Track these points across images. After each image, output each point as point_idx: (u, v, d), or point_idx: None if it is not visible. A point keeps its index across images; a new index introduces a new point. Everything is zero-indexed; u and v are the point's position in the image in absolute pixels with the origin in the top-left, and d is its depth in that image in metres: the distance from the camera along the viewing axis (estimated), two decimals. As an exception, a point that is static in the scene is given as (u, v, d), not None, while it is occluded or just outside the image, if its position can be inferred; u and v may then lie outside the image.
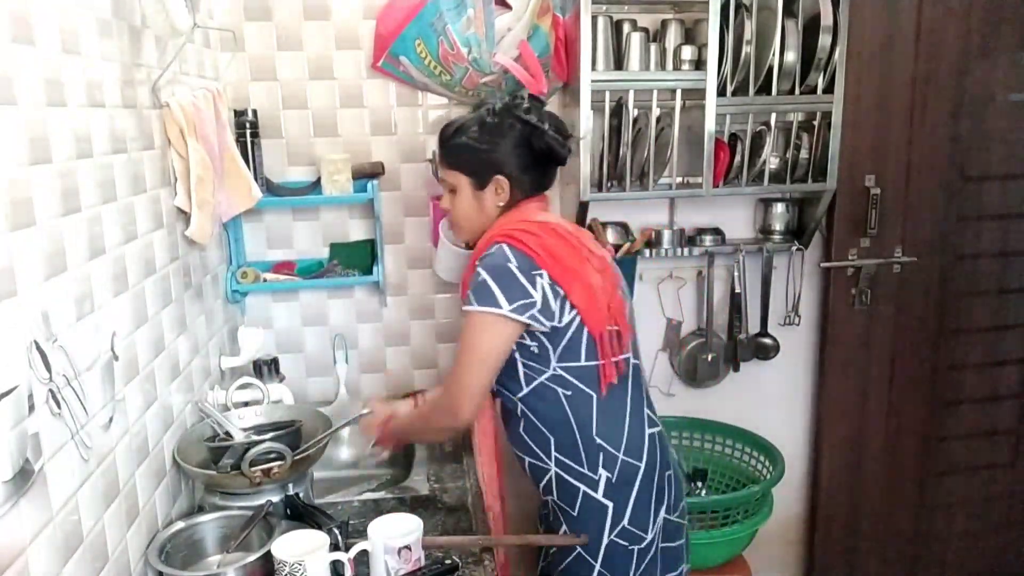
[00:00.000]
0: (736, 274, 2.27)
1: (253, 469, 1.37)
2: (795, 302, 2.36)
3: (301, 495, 1.46)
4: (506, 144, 1.45)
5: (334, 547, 1.27)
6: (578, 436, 1.42)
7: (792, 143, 2.11)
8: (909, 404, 2.49)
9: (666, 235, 2.22)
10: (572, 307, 1.37)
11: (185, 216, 1.52)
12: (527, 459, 1.49)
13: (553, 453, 1.44)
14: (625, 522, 1.43)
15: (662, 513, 1.47)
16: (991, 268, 2.44)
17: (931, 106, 2.28)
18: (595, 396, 1.41)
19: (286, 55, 2.01)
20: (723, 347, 2.33)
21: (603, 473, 1.41)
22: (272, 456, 1.40)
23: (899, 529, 2.58)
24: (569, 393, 1.41)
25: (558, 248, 1.38)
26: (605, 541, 1.43)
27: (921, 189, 2.33)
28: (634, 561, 1.44)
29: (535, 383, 1.42)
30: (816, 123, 2.09)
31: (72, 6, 1.09)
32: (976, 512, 2.62)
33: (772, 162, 2.11)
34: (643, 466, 1.44)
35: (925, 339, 2.45)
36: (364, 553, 1.27)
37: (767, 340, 2.33)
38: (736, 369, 2.36)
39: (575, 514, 1.44)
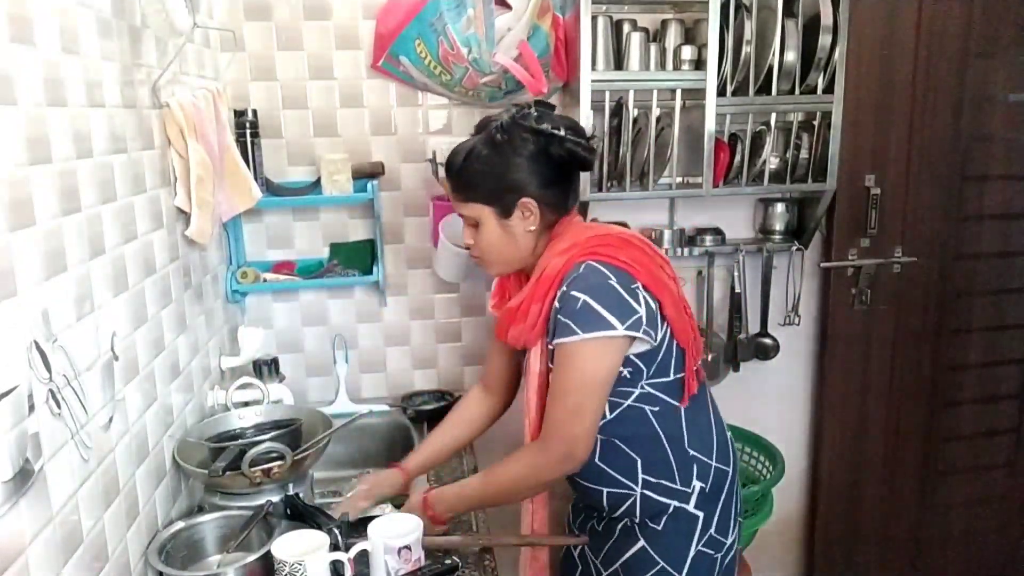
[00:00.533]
0: (736, 274, 2.27)
1: (253, 469, 1.37)
2: (795, 302, 2.36)
3: (301, 495, 1.46)
4: (523, 161, 1.29)
5: (334, 547, 1.27)
6: (670, 451, 1.33)
7: (792, 143, 2.11)
8: (909, 404, 2.49)
9: (666, 235, 2.22)
10: (664, 319, 1.29)
11: (185, 216, 1.52)
12: (605, 490, 1.37)
13: (640, 476, 1.34)
14: (712, 530, 1.37)
15: (739, 516, 1.44)
16: (991, 268, 2.45)
17: (931, 106, 2.28)
18: (681, 408, 1.34)
19: (286, 55, 2.01)
20: (723, 347, 2.33)
21: (697, 484, 1.35)
22: (272, 456, 1.40)
23: (899, 529, 2.58)
24: (657, 409, 1.32)
25: (643, 258, 1.29)
26: (692, 553, 1.36)
27: (921, 189, 2.33)
28: (717, 569, 1.40)
29: (620, 408, 1.32)
30: (816, 123, 2.09)
31: (72, 6, 1.09)
32: (976, 512, 2.62)
33: (772, 162, 2.11)
34: (730, 470, 1.41)
35: (925, 339, 2.45)
36: (364, 553, 1.26)
37: (767, 340, 2.34)
38: (736, 369, 2.36)
39: (660, 528, 1.36)
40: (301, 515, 1.41)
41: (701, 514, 1.36)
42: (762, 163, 2.08)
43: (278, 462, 1.39)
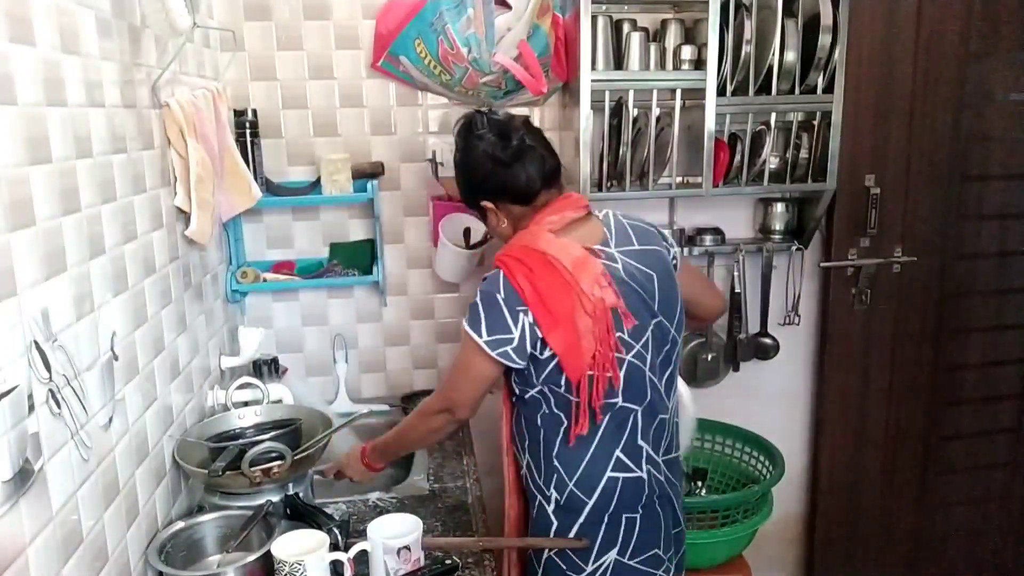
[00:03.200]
0: (736, 274, 2.27)
1: (253, 469, 1.37)
2: (795, 302, 2.36)
3: (301, 495, 1.46)
4: (468, 170, 1.43)
5: (334, 547, 1.27)
6: (541, 450, 1.40)
7: (792, 143, 2.11)
8: (909, 404, 2.49)
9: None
10: (548, 349, 1.31)
11: (185, 216, 1.51)
12: (515, 450, 1.50)
13: (526, 454, 1.44)
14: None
15: (612, 554, 1.38)
16: (991, 268, 2.45)
17: (931, 106, 2.28)
18: (565, 423, 1.36)
19: (286, 55, 2.01)
20: (723, 347, 2.33)
21: (553, 493, 1.39)
22: (272, 456, 1.40)
23: (899, 529, 2.58)
24: (546, 412, 1.37)
25: (546, 286, 1.30)
26: (545, 555, 1.41)
27: (921, 189, 2.33)
28: None
29: (526, 393, 1.39)
30: (816, 123, 2.09)
31: (72, 6, 1.09)
32: (976, 512, 2.62)
33: (772, 162, 2.11)
34: (591, 503, 1.37)
35: (925, 339, 2.45)
36: (364, 553, 1.27)
37: (767, 340, 2.34)
38: (736, 369, 2.36)
39: (533, 515, 1.44)
40: (301, 515, 1.41)
41: (556, 522, 1.39)
42: (762, 163, 2.08)
43: (278, 462, 1.39)
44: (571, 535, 1.38)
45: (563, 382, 1.33)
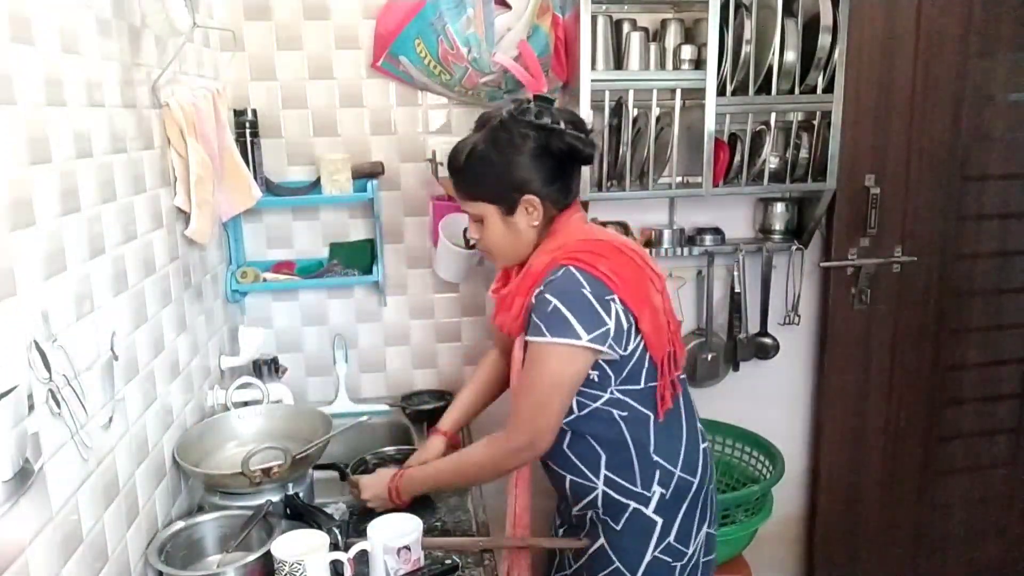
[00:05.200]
0: (736, 274, 2.27)
1: (253, 469, 1.37)
2: (795, 302, 2.36)
3: (301, 495, 1.46)
4: (524, 158, 1.30)
5: (334, 547, 1.27)
6: (634, 454, 1.35)
7: (792, 143, 2.11)
8: (909, 404, 2.49)
9: (666, 235, 2.22)
10: (638, 332, 1.30)
11: (185, 216, 1.52)
12: (568, 476, 1.40)
13: (603, 471, 1.37)
14: (671, 538, 1.38)
15: (705, 528, 1.43)
16: (991, 268, 2.44)
17: (931, 106, 2.28)
18: (652, 416, 1.36)
19: (286, 55, 2.01)
20: (723, 347, 2.33)
21: (657, 490, 1.36)
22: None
23: (899, 529, 2.58)
24: (626, 414, 1.34)
25: (626, 270, 1.30)
26: (648, 558, 1.37)
27: (921, 189, 2.33)
28: None
29: (589, 408, 1.34)
30: (816, 123, 2.09)
31: (72, 6, 1.09)
32: (976, 512, 2.62)
33: (772, 162, 2.11)
34: (696, 481, 1.40)
35: (925, 339, 2.45)
36: (364, 553, 1.27)
37: (767, 340, 2.34)
38: (736, 369, 2.36)
39: (618, 528, 1.38)
40: (301, 515, 1.41)
41: (660, 520, 1.37)
42: (762, 163, 2.08)
43: (278, 462, 1.39)
44: (676, 525, 1.38)
45: (643, 374, 1.33)
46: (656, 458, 1.36)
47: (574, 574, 1.49)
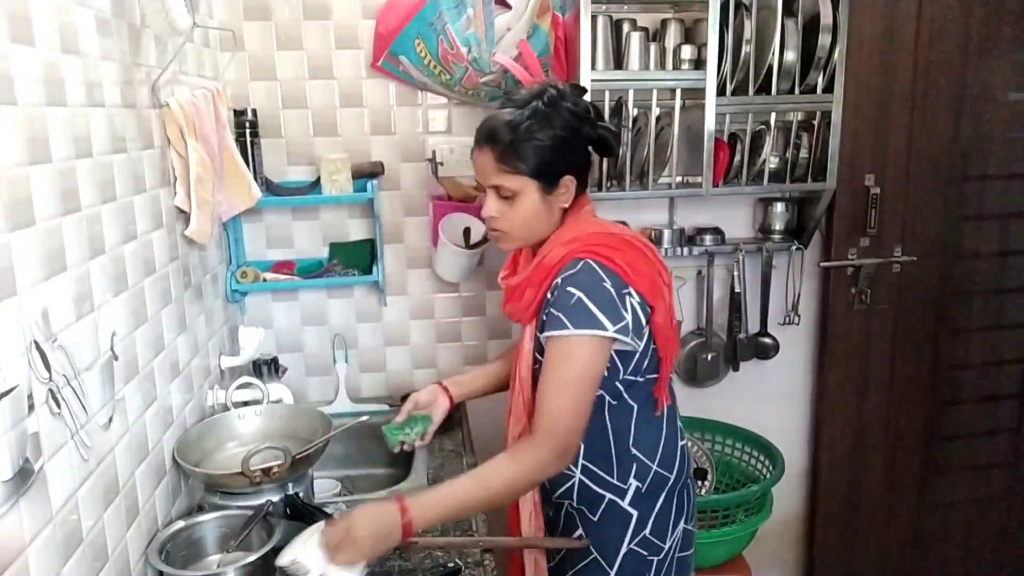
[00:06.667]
0: (736, 274, 2.27)
1: (253, 469, 1.37)
2: (795, 301, 2.36)
3: (301, 495, 1.46)
4: (570, 138, 1.32)
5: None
6: (612, 445, 1.36)
7: (792, 143, 2.11)
8: (909, 404, 2.49)
9: (666, 235, 2.22)
10: (648, 326, 1.31)
11: (185, 216, 1.52)
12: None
13: (580, 461, 1.37)
14: (647, 531, 1.38)
15: (681, 524, 1.43)
16: (991, 268, 2.44)
17: (931, 106, 2.28)
18: (636, 408, 1.36)
19: (286, 55, 2.01)
20: (723, 347, 2.33)
21: (633, 483, 1.37)
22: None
23: (899, 529, 2.58)
24: (615, 403, 1.35)
25: (640, 263, 1.30)
26: (623, 550, 1.38)
27: (921, 189, 2.33)
28: (651, 571, 1.40)
29: None
30: (816, 123, 2.09)
31: (72, 6, 1.09)
32: (976, 512, 2.62)
33: (772, 162, 2.11)
34: (672, 477, 1.41)
35: (925, 339, 2.45)
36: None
37: (767, 339, 2.34)
38: (736, 369, 2.36)
39: (595, 519, 1.39)
40: (301, 515, 1.41)
41: (635, 512, 1.38)
42: (762, 163, 2.08)
43: (278, 462, 1.39)
44: (651, 521, 1.38)
45: (645, 367, 1.34)
46: (634, 451, 1.37)
47: (556, 567, 1.49)
